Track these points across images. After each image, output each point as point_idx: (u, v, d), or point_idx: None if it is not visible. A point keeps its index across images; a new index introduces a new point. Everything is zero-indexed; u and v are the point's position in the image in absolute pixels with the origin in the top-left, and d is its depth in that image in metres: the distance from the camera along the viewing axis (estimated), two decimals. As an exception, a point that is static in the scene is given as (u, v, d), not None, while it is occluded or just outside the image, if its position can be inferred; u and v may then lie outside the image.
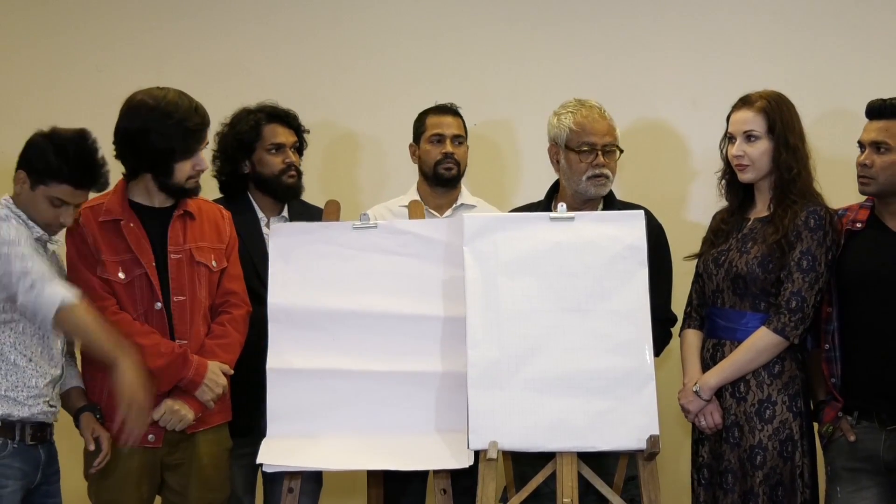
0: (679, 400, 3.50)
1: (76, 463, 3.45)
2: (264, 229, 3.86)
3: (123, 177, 3.46)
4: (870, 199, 3.47)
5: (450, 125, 4.07)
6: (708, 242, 3.59)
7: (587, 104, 3.73)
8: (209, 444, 3.44)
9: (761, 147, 3.45)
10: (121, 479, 3.33)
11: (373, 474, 3.45)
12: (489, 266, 3.34)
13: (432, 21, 4.66)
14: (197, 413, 3.36)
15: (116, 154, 3.42)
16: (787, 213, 3.41)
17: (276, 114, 3.91)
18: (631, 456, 3.30)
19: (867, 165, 3.37)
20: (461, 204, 4.07)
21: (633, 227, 3.36)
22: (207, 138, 3.45)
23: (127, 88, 3.46)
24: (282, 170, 3.87)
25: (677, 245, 3.74)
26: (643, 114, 4.39)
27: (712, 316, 3.53)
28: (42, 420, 3.23)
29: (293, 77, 4.61)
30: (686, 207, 4.41)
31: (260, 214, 3.90)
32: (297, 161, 3.91)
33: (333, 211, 3.58)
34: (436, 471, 3.32)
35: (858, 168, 3.41)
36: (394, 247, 3.46)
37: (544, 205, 3.75)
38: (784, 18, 4.45)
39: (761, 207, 3.52)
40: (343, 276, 3.45)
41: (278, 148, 3.88)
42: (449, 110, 4.11)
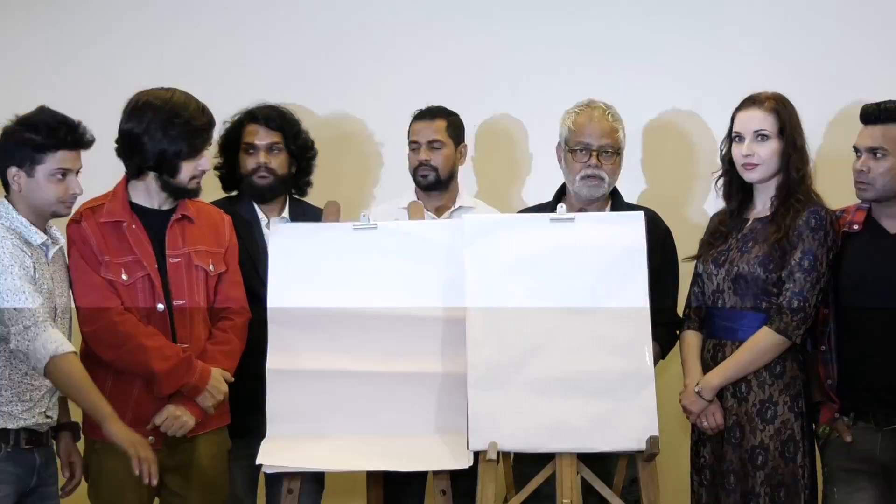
0: (681, 401, 3.49)
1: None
2: (264, 229, 3.85)
3: (123, 177, 3.46)
4: (866, 201, 3.47)
5: (423, 131, 3.99)
6: (706, 244, 3.59)
7: (592, 105, 3.72)
8: (209, 447, 3.44)
9: (772, 147, 3.44)
10: (120, 481, 3.32)
11: (372, 475, 3.45)
12: (489, 267, 3.34)
13: (434, 20, 4.65)
14: (197, 418, 3.36)
15: (119, 154, 3.41)
16: (789, 213, 3.41)
17: (254, 114, 3.89)
18: (630, 457, 3.30)
19: (865, 171, 3.37)
20: (459, 207, 4.02)
21: (633, 228, 3.35)
22: (211, 139, 3.46)
23: (127, 88, 3.46)
24: (252, 170, 3.85)
25: (678, 246, 3.75)
26: (643, 114, 4.38)
27: (713, 316, 3.53)
28: (37, 429, 3.22)
29: (293, 77, 4.60)
30: (687, 209, 4.41)
31: (260, 214, 3.89)
32: (270, 161, 3.85)
33: (333, 211, 3.58)
34: (435, 472, 3.32)
35: (855, 173, 3.41)
36: (394, 248, 3.46)
37: (552, 206, 3.74)
38: (784, 19, 4.45)
39: (761, 208, 3.52)
40: (343, 277, 3.44)
41: (251, 148, 3.87)
42: (426, 114, 4.02)
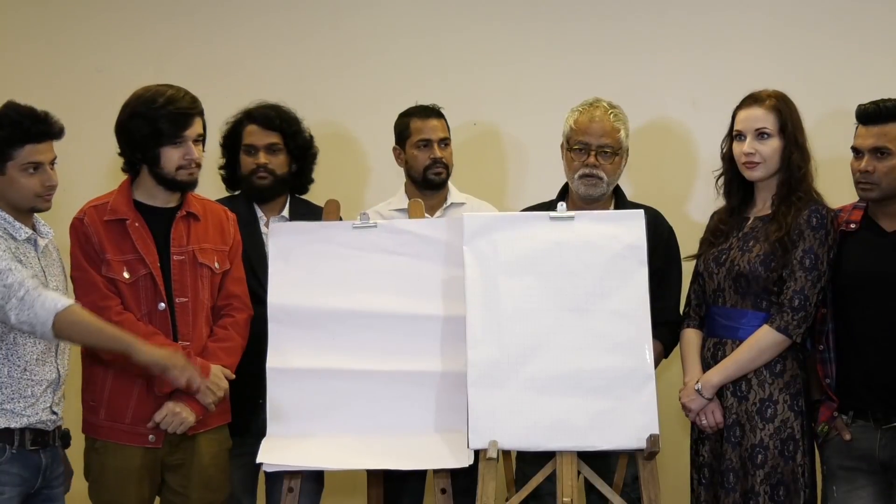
0: (680, 398, 3.49)
1: (76, 464, 3.45)
2: (263, 228, 3.85)
3: (127, 176, 3.47)
4: (870, 201, 3.46)
5: (436, 129, 3.99)
6: (707, 242, 3.58)
7: (595, 104, 3.73)
8: (209, 445, 3.44)
9: (773, 145, 3.44)
10: (121, 480, 3.33)
11: (373, 474, 3.45)
12: (489, 265, 3.34)
13: (431, 20, 4.66)
14: (198, 415, 3.36)
15: (119, 152, 3.44)
16: (790, 212, 3.41)
17: (252, 114, 3.88)
18: (631, 455, 3.30)
19: (868, 172, 3.35)
20: (451, 204, 4.03)
21: (633, 227, 3.36)
22: (200, 129, 3.42)
23: (127, 88, 3.46)
24: (252, 170, 3.85)
25: (679, 245, 3.75)
26: (644, 114, 4.38)
27: (713, 315, 3.52)
28: (42, 428, 3.21)
29: (293, 77, 4.61)
30: (688, 207, 4.41)
31: (259, 214, 3.89)
32: (270, 161, 3.84)
33: (333, 210, 3.58)
34: (435, 470, 3.32)
35: (857, 174, 3.39)
36: (393, 246, 3.46)
37: (554, 204, 3.74)
38: (784, 18, 4.45)
39: (762, 206, 3.52)
40: (343, 276, 3.45)
41: (250, 149, 3.86)
42: (433, 112, 4.02)
